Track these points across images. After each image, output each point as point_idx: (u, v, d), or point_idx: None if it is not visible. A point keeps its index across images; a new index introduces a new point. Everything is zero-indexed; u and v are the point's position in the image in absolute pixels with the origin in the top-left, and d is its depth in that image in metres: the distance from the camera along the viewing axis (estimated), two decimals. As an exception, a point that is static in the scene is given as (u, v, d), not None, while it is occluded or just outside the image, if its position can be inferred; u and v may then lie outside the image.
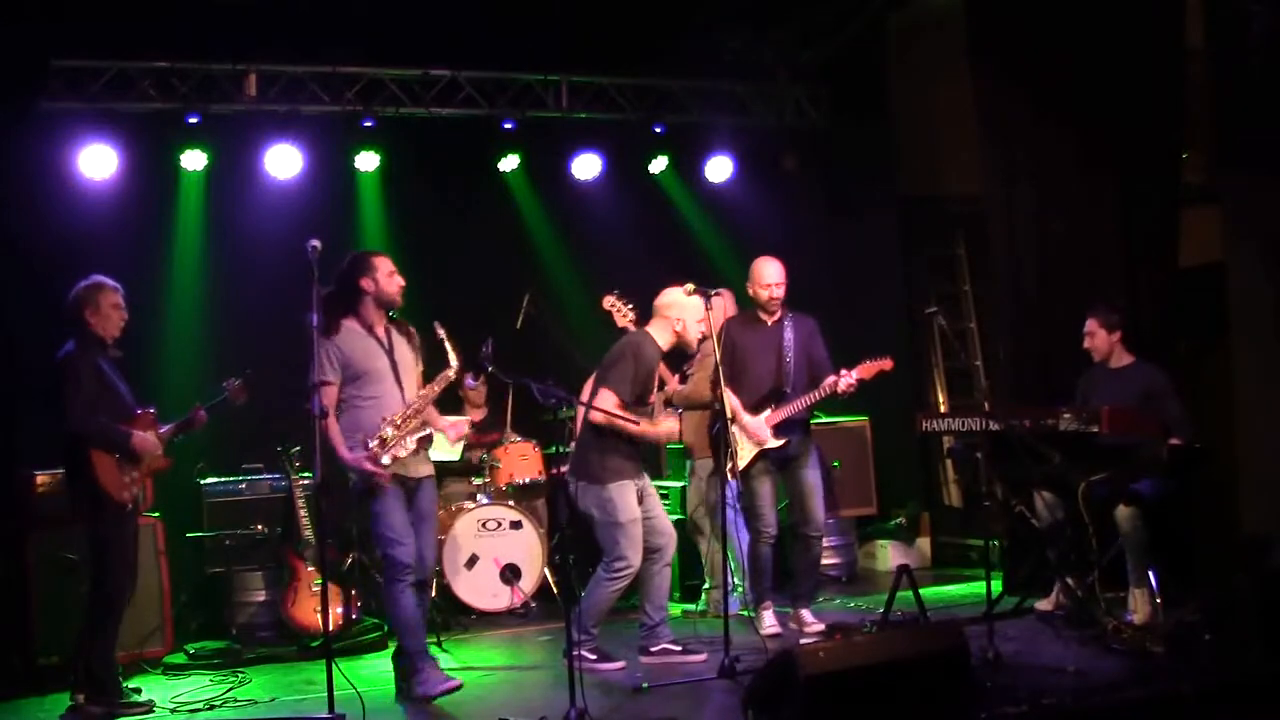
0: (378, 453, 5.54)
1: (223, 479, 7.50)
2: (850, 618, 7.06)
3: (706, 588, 7.34)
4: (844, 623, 6.81)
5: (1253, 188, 6.67)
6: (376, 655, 6.67)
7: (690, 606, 7.44)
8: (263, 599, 7.22)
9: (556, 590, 7.79)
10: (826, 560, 8.14)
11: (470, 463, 7.99)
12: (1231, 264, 6.92)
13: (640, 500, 6.13)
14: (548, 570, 7.81)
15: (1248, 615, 5.68)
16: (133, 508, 5.79)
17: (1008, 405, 6.63)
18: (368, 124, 8.23)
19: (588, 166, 8.86)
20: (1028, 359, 7.65)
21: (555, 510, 8.01)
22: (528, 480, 7.98)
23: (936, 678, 4.66)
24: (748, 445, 6.57)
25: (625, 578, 6.08)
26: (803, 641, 6.31)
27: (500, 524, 7.71)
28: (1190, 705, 4.94)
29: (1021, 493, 6.80)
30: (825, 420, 8.13)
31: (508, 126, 8.55)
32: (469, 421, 7.62)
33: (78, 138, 7.56)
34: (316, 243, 5.26)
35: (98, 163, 7.60)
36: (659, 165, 9.08)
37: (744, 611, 6.63)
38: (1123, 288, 7.19)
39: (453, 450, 7.26)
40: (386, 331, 5.78)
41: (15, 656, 6.54)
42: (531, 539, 7.74)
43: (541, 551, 7.76)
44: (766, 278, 6.66)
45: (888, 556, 8.66)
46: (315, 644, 6.72)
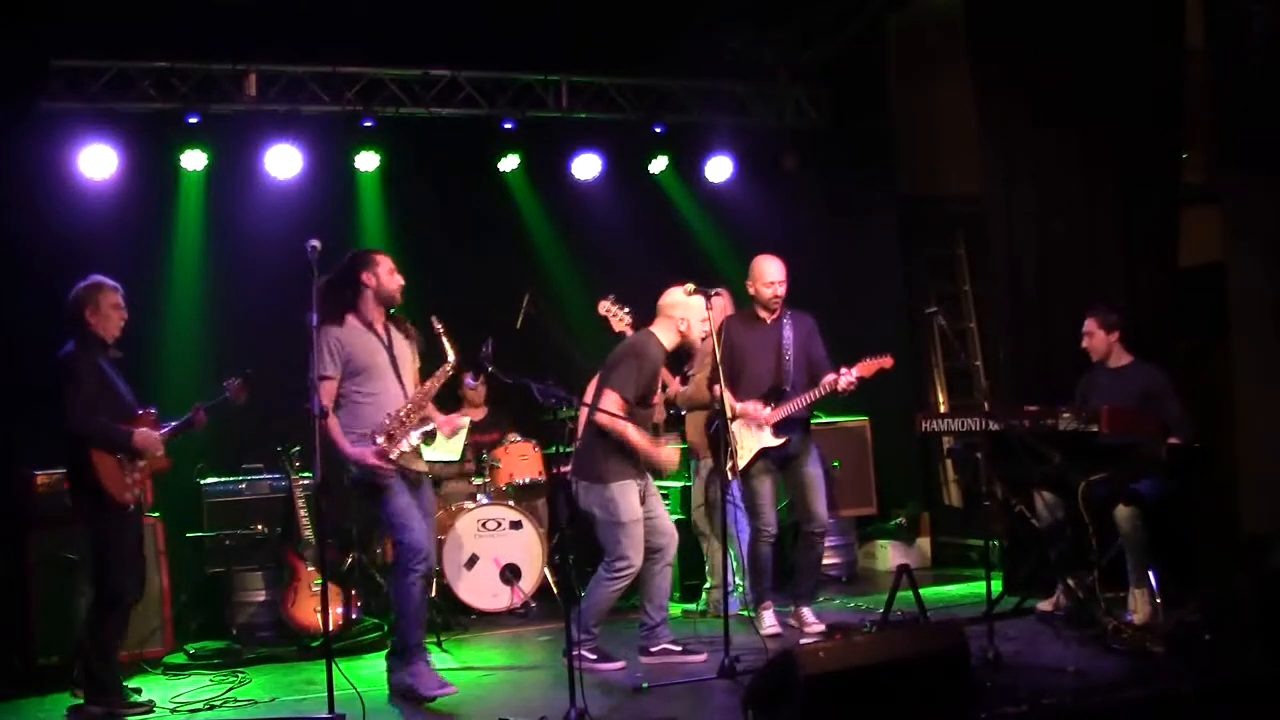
0: (386, 449, 5.55)
1: (223, 479, 7.51)
2: (850, 618, 7.06)
3: (707, 587, 7.34)
4: (844, 623, 6.81)
5: (1253, 188, 6.67)
6: (376, 655, 6.65)
7: (690, 606, 7.44)
8: (263, 599, 7.24)
9: (556, 590, 7.79)
10: (826, 560, 8.13)
11: (470, 462, 7.99)
12: (1231, 264, 6.92)
13: (642, 500, 6.13)
14: (548, 570, 7.81)
15: (1248, 615, 5.68)
16: (135, 508, 5.79)
17: (1008, 405, 6.62)
18: (368, 124, 8.23)
19: (588, 166, 8.86)
20: (1028, 359, 7.65)
21: (555, 510, 8.02)
22: (528, 480, 7.98)
23: (936, 678, 4.66)
24: (748, 441, 6.56)
25: (626, 577, 6.07)
26: (803, 641, 6.30)
27: (500, 524, 7.71)
28: (1190, 705, 4.94)
29: (1021, 493, 6.80)
30: (825, 420, 8.13)
31: (508, 126, 8.56)
32: (467, 418, 7.63)
33: (78, 138, 7.57)
34: (316, 243, 5.27)
35: (98, 163, 7.61)
36: (659, 165, 9.08)
37: (744, 611, 6.63)
38: (1123, 288, 7.19)
39: (453, 450, 7.26)
40: (385, 328, 5.80)
41: (15, 656, 6.55)
42: (531, 539, 7.75)
43: (541, 551, 7.76)
44: (768, 276, 6.65)
45: (888, 556, 8.66)
46: (315, 644, 6.73)
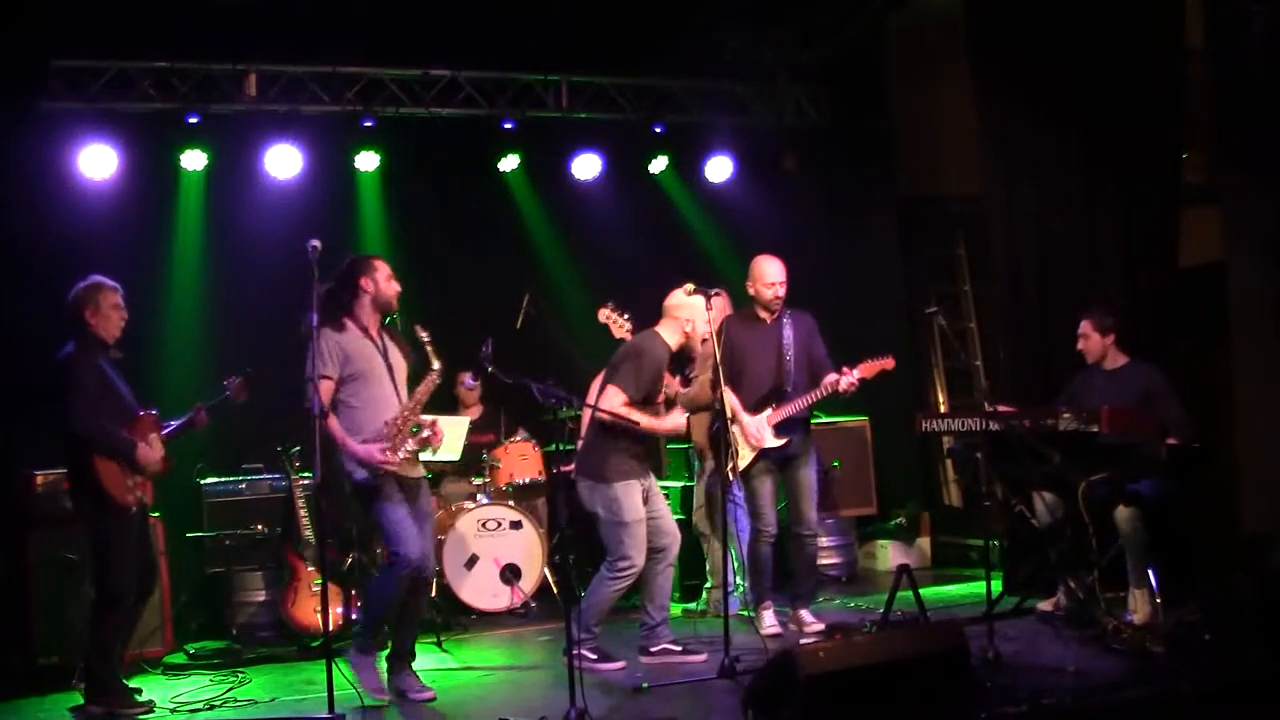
0: (390, 454, 5.57)
1: (223, 479, 7.50)
2: (850, 618, 7.06)
3: (707, 587, 7.34)
4: (844, 623, 6.80)
5: (1253, 188, 6.67)
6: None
7: (691, 606, 7.44)
8: (263, 599, 7.24)
9: (556, 590, 7.79)
10: (826, 560, 8.15)
11: (470, 463, 7.98)
12: (1231, 264, 6.91)
13: (646, 500, 6.13)
14: (548, 570, 7.81)
15: (1248, 615, 5.68)
16: (137, 509, 5.79)
17: (1008, 405, 6.61)
18: (368, 124, 8.23)
19: (588, 166, 8.85)
20: (1028, 359, 7.65)
21: (555, 510, 8.01)
22: (528, 480, 7.98)
23: (936, 678, 4.66)
24: (746, 447, 6.57)
25: (629, 577, 6.07)
26: (803, 641, 6.30)
27: (500, 524, 7.71)
28: (1190, 705, 4.94)
29: (1021, 493, 6.80)
30: (825, 420, 8.12)
31: (508, 126, 8.55)
32: (467, 419, 7.62)
33: (78, 138, 7.57)
34: (316, 243, 5.27)
35: (98, 163, 7.61)
36: (659, 165, 9.08)
37: (744, 611, 6.63)
38: (1123, 288, 7.19)
39: (453, 451, 7.25)
40: (380, 335, 5.80)
41: (15, 656, 6.55)
42: (531, 539, 7.74)
43: (541, 551, 7.76)
44: (769, 276, 6.64)
45: (888, 556, 8.66)
46: (315, 644, 6.72)
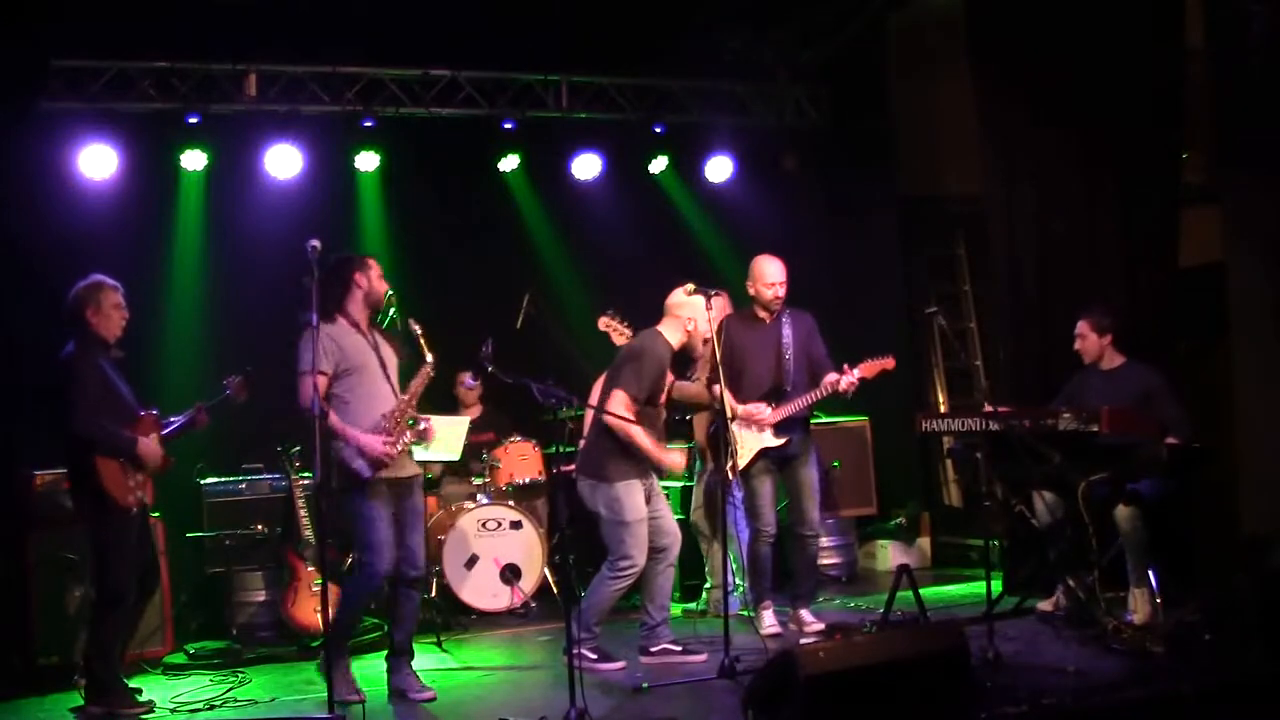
0: (390, 446, 5.58)
1: (223, 479, 7.50)
2: (850, 618, 7.06)
3: (707, 587, 7.34)
4: (844, 623, 6.81)
5: (1253, 188, 6.66)
6: (376, 655, 6.63)
7: (691, 606, 7.43)
8: (263, 599, 7.24)
9: (556, 590, 7.79)
10: (826, 560, 8.15)
11: (470, 463, 7.98)
12: (1231, 264, 6.91)
13: (647, 500, 6.13)
14: (548, 570, 7.81)
15: (1248, 615, 5.69)
16: (138, 510, 5.79)
17: (1008, 405, 6.61)
18: (368, 124, 8.23)
19: (588, 166, 8.85)
20: (1028, 359, 7.65)
21: (555, 510, 8.01)
22: (528, 480, 7.98)
23: (936, 678, 4.66)
24: (749, 442, 6.56)
25: (629, 577, 6.08)
26: (803, 641, 6.31)
27: (500, 524, 7.71)
28: (1190, 705, 4.94)
29: (1021, 493, 6.80)
30: (825, 420, 8.13)
31: (508, 126, 8.55)
32: (467, 419, 7.62)
33: (78, 138, 7.57)
34: (316, 243, 5.26)
35: (98, 163, 7.61)
36: (659, 165, 9.08)
37: (744, 611, 6.63)
38: (1123, 288, 7.19)
39: (453, 451, 7.26)
40: (370, 331, 5.81)
41: (15, 656, 6.54)
42: (531, 539, 7.74)
43: (541, 551, 7.76)
44: (770, 276, 6.64)
45: (888, 556, 8.66)
46: (315, 644, 6.72)
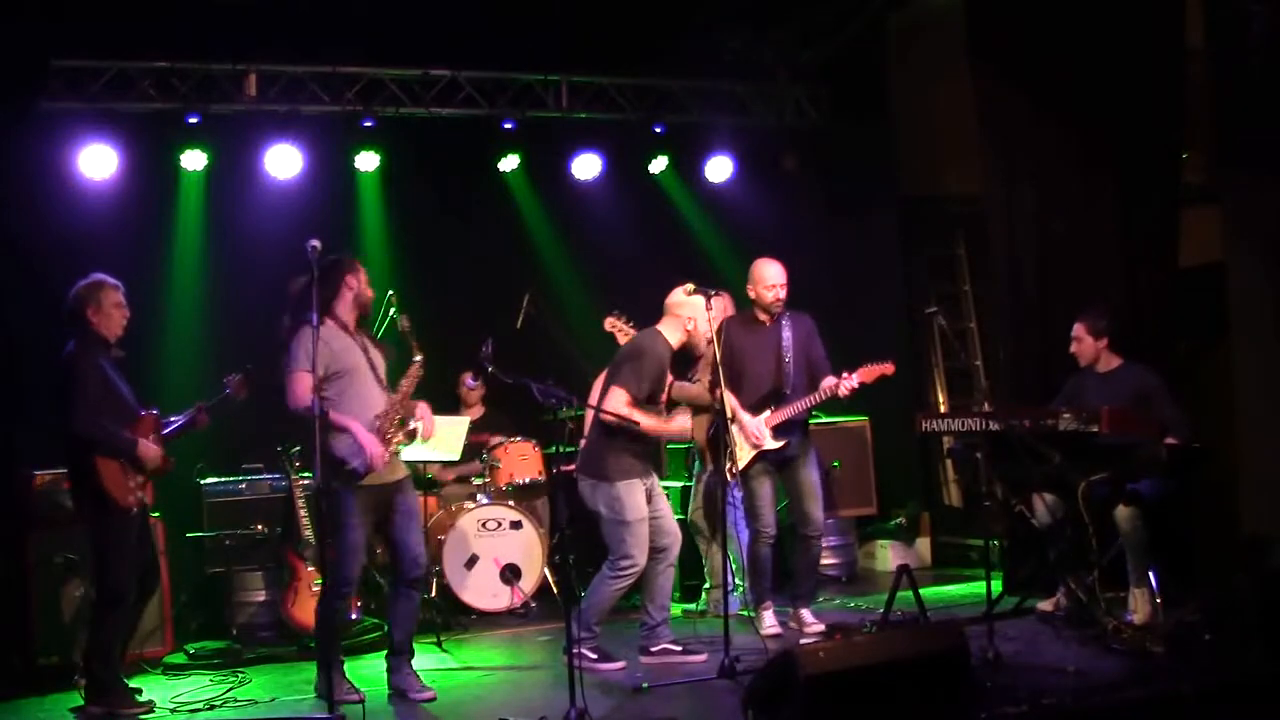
0: (385, 446, 5.61)
1: (223, 479, 7.50)
2: (850, 618, 7.06)
3: (707, 587, 7.34)
4: (844, 623, 6.80)
5: (1253, 188, 6.66)
6: (376, 655, 6.64)
7: (690, 606, 7.43)
8: (263, 599, 7.24)
9: (556, 590, 7.79)
10: (826, 560, 8.14)
11: (470, 463, 7.98)
12: (1231, 264, 6.91)
13: (648, 499, 6.14)
14: (548, 570, 7.80)
15: (1248, 615, 5.68)
16: (138, 510, 5.78)
17: (1008, 405, 6.62)
18: (368, 124, 8.23)
19: (588, 166, 8.85)
20: (1028, 359, 7.65)
21: (555, 510, 8.01)
22: (528, 480, 7.97)
23: (936, 678, 4.66)
24: (745, 447, 6.57)
25: (630, 577, 6.08)
26: (803, 641, 6.31)
27: (500, 524, 7.71)
28: (1190, 705, 4.94)
29: (1021, 493, 6.80)
30: (825, 420, 8.12)
31: (508, 126, 8.55)
32: (467, 419, 7.61)
33: (78, 138, 7.57)
34: (316, 243, 5.27)
35: (98, 163, 7.61)
36: (659, 165, 9.08)
37: (744, 611, 6.63)
38: (1123, 288, 7.19)
39: (453, 451, 7.26)
40: (358, 334, 5.82)
41: (15, 656, 6.54)
42: (531, 539, 7.74)
43: (541, 551, 7.75)
44: (770, 278, 6.64)
45: (888, 556, 8.66)
46: (315, 644, 6.71)
